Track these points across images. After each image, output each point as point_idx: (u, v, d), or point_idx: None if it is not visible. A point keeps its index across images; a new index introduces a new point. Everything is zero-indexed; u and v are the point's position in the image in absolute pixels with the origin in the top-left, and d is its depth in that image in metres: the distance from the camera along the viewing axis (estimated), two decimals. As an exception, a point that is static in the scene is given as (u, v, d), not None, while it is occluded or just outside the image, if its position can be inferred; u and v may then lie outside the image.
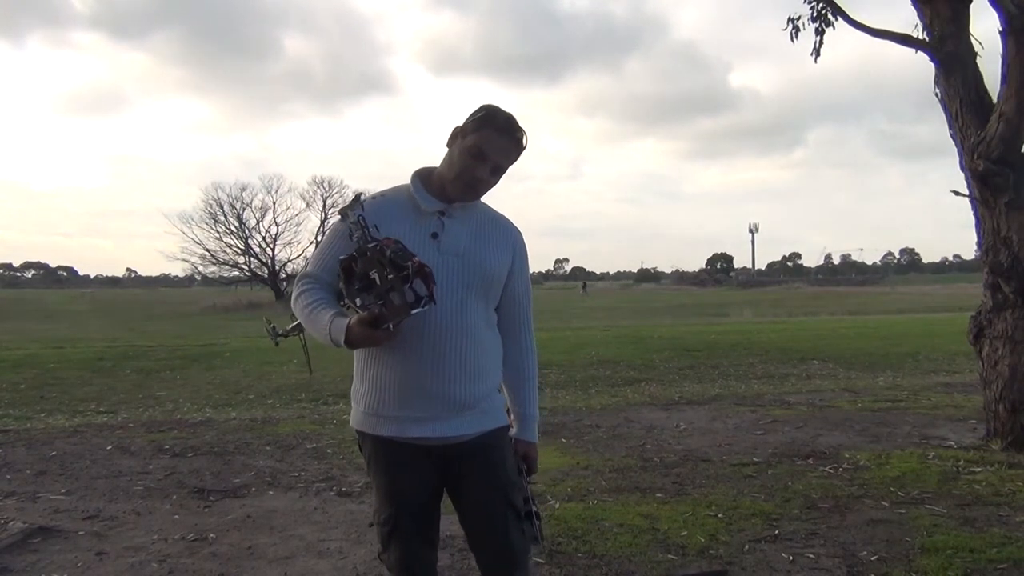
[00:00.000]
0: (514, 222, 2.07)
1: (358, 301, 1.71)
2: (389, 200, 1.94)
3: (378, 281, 1.66)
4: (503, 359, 2.02)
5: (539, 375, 2.17)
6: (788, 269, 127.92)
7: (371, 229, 1.74)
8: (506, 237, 2.00)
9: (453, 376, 1.86)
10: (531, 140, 1.94)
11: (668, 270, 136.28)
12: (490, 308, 1.98)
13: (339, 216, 1.86)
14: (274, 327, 5.29)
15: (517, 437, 2.06)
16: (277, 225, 44.39)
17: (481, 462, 1.94)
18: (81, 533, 3.58)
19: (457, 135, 1.92)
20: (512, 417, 2.06)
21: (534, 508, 2.03)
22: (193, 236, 42.15)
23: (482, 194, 1.96)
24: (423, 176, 1.97)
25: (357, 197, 1.81)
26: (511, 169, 1.96)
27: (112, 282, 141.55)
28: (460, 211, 1.94)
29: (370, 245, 1.68)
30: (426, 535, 1.98)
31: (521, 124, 1.92)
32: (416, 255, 1.69)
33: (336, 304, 1.87)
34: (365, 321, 1.70)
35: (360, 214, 1.76)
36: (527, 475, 2.06)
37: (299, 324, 2.22)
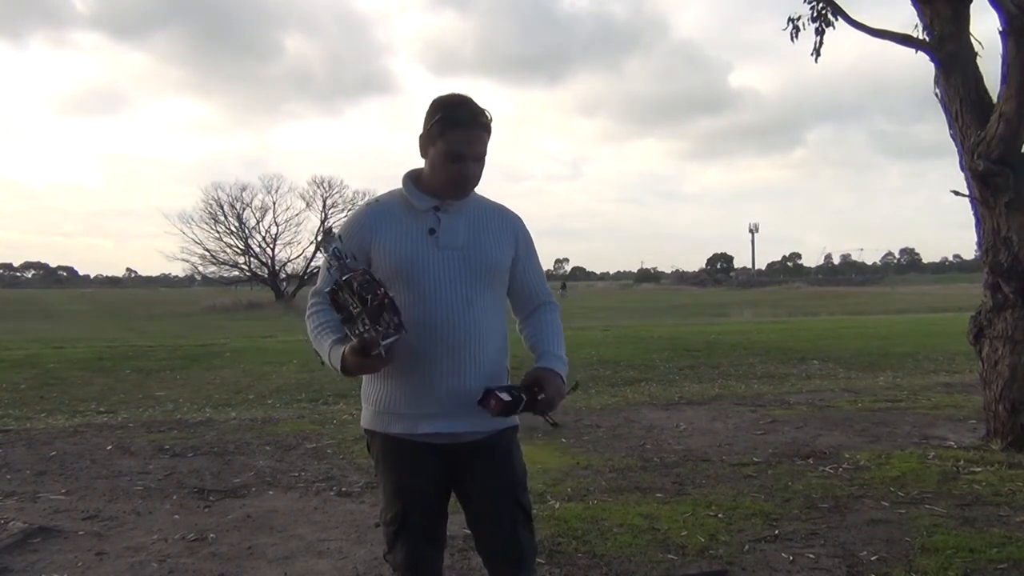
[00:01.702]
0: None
1: (346, 331, 1.77)
2: (383, 204, 1.97)
3: (354, 312, 1.70)
4: (527, 322, 2.05)
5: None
6: (788, 269, 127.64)
7: (348, 260, 1.75)
8: (506, 225, 2.02)
9: (463, 371, 1.87)
10: (531, 140, 1.98)
11: (668, 270, 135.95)
12: (497, 298, 1.99)
13: (319, 249, 1.90)
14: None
15: (536, 366, 1.95)
16: (277, 225, 44.16)
17: (490, 462, 1.95)
18: (81, 533, 3.58)
19: (428, 144, 1.92)
20: (534, 357, 1.99)
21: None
22: (193, 236, 41.94)
23: (476, 184, 1.97)
24: (413, 177, 1.99)
25: (329, 231, 1.84)
26: (511, 169, 2.06)
27: (112, 282, 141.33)
28: (455, 205, 1.95)
29: (343, 278, 1.72)
30: (433, 535, 1.98)
31: (478, 103, 1.89)
32: (384, 286, 1.70)
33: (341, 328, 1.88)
34: (356, 350, 1.74)
35: (336, 247, 1.77)
36: (546, 409, 1.92)
37: None
